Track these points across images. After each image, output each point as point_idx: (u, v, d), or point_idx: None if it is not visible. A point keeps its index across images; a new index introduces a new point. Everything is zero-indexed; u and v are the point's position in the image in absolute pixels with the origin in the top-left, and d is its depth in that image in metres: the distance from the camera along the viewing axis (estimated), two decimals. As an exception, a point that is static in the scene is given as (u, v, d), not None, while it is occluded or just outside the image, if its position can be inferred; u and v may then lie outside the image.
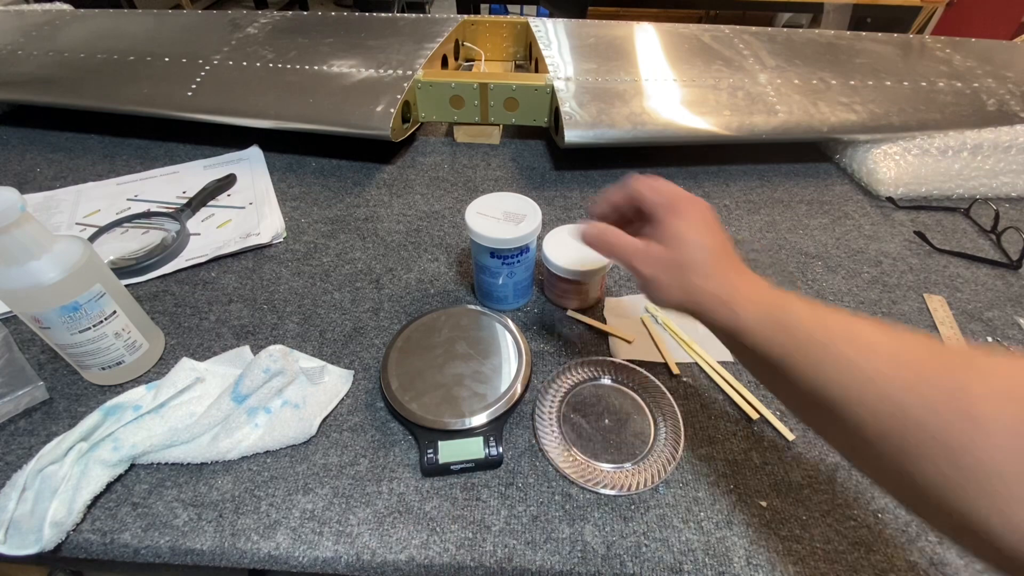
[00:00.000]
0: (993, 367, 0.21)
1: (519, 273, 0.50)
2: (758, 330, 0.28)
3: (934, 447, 0.21)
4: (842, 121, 0.72)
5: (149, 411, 0.41)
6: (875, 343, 0.24)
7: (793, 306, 0.28)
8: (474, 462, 0.41)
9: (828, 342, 0.25)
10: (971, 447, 0.20)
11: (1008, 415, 0.20)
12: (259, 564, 0.37)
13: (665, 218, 0.32)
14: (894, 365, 0.23)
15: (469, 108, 0.77)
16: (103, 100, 0.76)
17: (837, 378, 0.24)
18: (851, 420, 0.24)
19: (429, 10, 3.23)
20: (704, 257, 0.31)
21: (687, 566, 0.36)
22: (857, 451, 0.25)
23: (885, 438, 0.22)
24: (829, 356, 0.25)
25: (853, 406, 0.24)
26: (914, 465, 0.21)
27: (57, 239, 0.40)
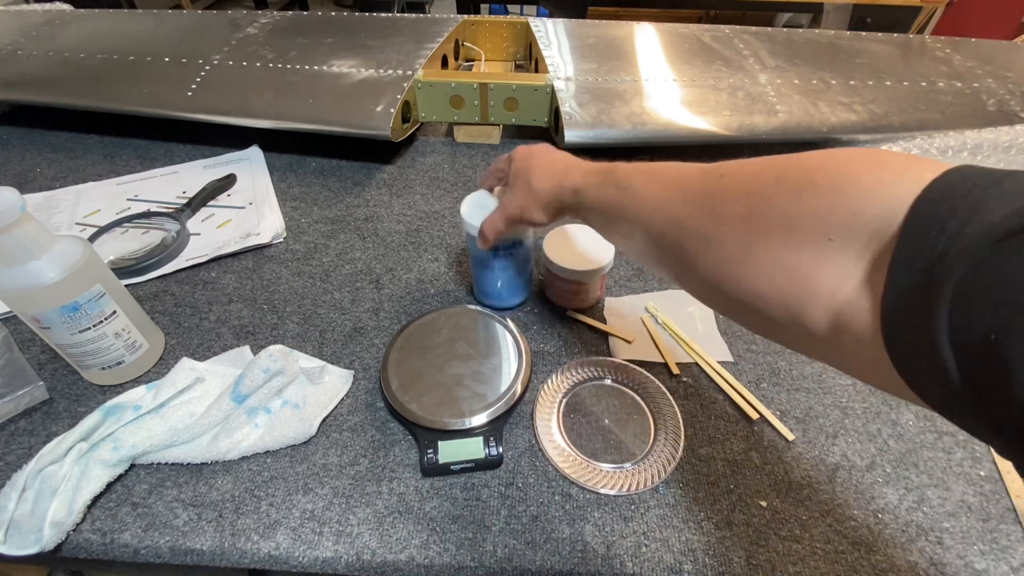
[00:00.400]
0: (732, 170, 0.27)
1: (512, 268, 0.50)
2: (591, 188, 0.36)
3: (700, 243, 0.27)
4: (842, 121, 0.72)
5: (149, 411, 0.41)
6: (662, 178, 0.31)
7: (613, 166, 0.35)
8: (474, 462, 0.41)
9: (629, 183, 0.32)
10: (717, 237, 0.26)
11: (737, 209, 0.25)
12: (259, 564, 0.37)
13: (510, 172, 0.44)
14: (672, 191, 0.30)
15: (469, 108, 0.77)
16: (103, 100, 0.76)
17: (640, 209, 0.31)
18: (652, 238, 0.31)
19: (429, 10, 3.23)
20: (540, 163, 0.41)
21: (687, 566, 0.36)
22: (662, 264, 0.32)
23: (674, 245, 0.29)
24: (630, 195, 0.32)
25: (651, 227, 0.31)
26: (690, 260, 0.28)
27: (57, 239, 0.40)
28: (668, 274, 0.33)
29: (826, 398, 0.47)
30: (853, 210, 0.21)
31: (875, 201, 0.20)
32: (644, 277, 0.58)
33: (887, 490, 0.41)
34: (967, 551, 0.38)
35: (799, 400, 0.47)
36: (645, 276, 0.58)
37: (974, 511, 0.40)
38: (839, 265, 0.21)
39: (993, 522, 0.39)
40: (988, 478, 0.41)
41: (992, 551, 0.38)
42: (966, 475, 0.42)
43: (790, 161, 0.25)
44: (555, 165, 0.40)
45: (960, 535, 0.38)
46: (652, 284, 0.57)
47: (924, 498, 0.40)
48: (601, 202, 0.35)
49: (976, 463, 0.42)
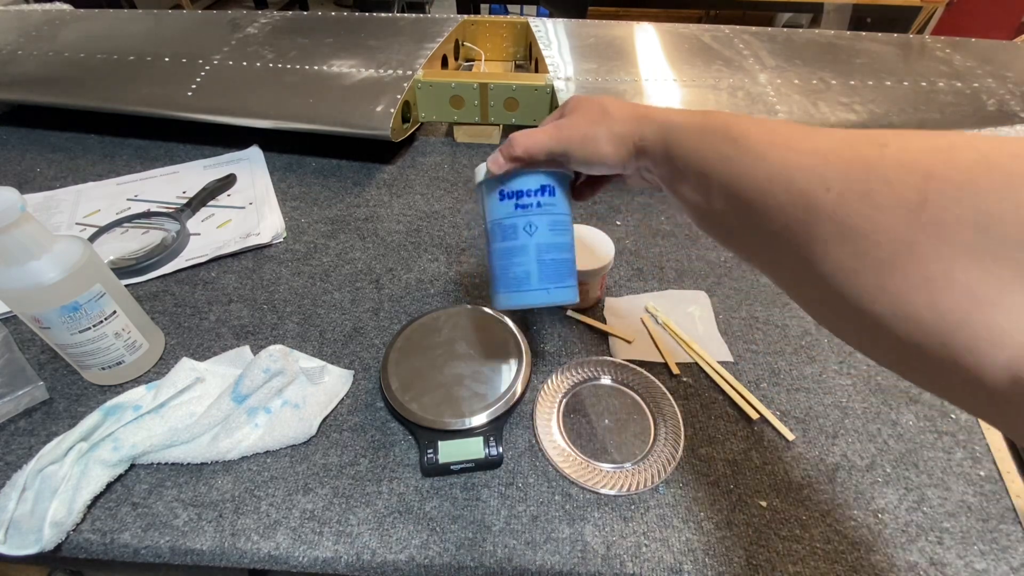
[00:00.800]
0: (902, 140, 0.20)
1: (543, 229, 0.36)
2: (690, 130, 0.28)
3: (835, 231, 0.20)
4: (842, 121, 0.72)
5: (149, 411, 0.41)
6: (793, 135, 0.24)
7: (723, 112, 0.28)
8: (474, 462, 0.41)
9: (743, 135, 0.25)
10: (864, 226, 0.19)
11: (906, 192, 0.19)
12: (259, 564, 0.37)
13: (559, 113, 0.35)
14: (808, 154, 0.22)
15: (469, 108, 0.77)
16: (103, 100, 0.76)
17: (754, 169, 0.24)
18: (763, 212, 0.24)
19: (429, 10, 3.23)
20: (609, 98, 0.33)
21: (687, 566, 0.36)
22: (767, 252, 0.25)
23: (795, 227, 0.22)
24: (745, 150, 0.25)
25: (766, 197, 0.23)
26: (814, 252, 0.21)
27: (57, 239, 0.40)
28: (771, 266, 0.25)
29: (826, 398, 0.47)
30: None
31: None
32: (644, 277, 0.58)
33: (887, 490, 0.41)
34: (967, 551, 0.38)
35: (799, 400, 0.47)
36: (645, 276, 0.58)
37: (974, 511, 0.40)
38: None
39: (993, 522, 0.39)
40: (988, 478, 0.41)
41: (992, 551, 0.38)
42: (966, 475, 0.42)
43: (996, 142, 0.18)
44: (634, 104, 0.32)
45: (960, 535, 0.38)
46: (652, 284, 0.57)
47: (924, 498, 0.40)
48: (699, 150, 0.27)
49: (976, 463, 0.42)
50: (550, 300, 0.37)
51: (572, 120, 0.33)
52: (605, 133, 0.31)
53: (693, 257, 0.61)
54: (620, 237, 0.63)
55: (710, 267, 0.59)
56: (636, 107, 0.32)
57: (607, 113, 0.32)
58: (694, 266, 0.59)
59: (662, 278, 0.58)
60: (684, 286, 0.57)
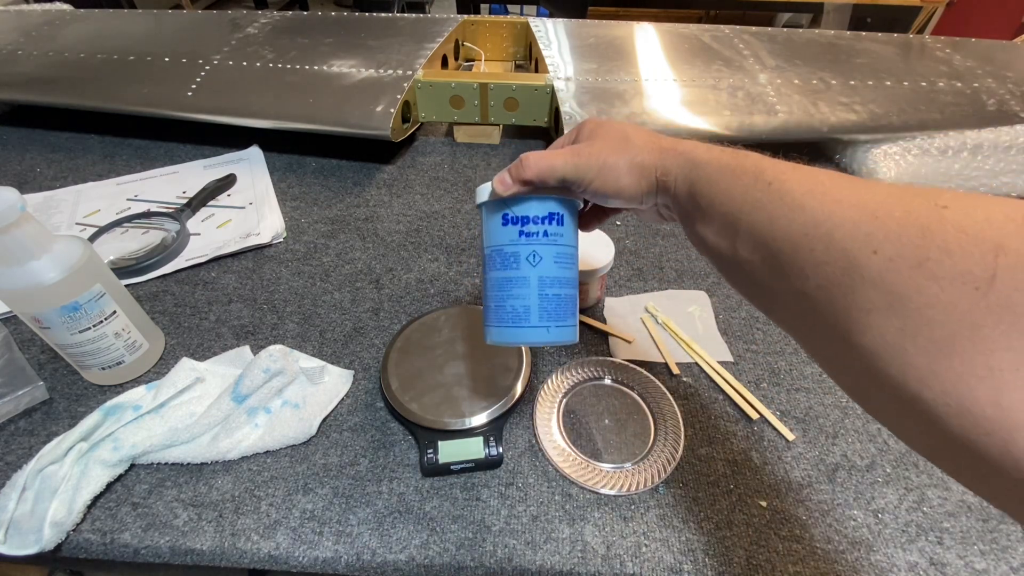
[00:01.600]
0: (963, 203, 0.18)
1: (547, 261, 0.33)
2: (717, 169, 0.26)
3: (883, 301, 0.18)
4: (842, 121, 0.72)
5: (149, 411, 0.41)
6: (836, 185, 0.21)
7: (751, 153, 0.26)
8: (474, 462, 0.41)
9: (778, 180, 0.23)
10: (919, 300, 0.17)
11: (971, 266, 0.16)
12: (259, 564, 0.37)
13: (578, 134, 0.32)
14: (853, 208, 0.20)
15: (469, 108, 0.77)
16: (103, 100, 0.76)
17: (790, 221, 0.21)
18: (797, 269, 0.21)
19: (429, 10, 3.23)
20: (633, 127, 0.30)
21: (687, 566, 0.36)
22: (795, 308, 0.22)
23: (834, 292, 0.20)
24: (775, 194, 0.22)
25: (801, 252, 0.21)
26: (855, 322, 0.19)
27: (57, 239, 0.40)
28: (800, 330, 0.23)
29: (826, 398, 0.47)
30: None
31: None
32: (644, 277, 0.58)
33: (887, 490, 0.41)
34: (967, 551, 0.38)
35: (799, 400, 0.47)
36: (645, 276, 0.58)
37: (974, 511, 0.40)
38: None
39: (993, 522, 0.39)
40: (988, 478, 0.41)
41: (992, 551, 0.38)
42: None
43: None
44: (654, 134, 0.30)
45: (960, 535, 0.38)
46: (652, 284, 0.57)
47: (924, 498, 0.40)
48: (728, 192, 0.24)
49: (976, 463, 0.42)
50: (549, 340, 0.33)
51: (591, 146, 0.30)
52: (626, 163, 0.29)
53: (693, 257, 0.61)
54: (620, 237, 0.63)
55: (710, 267, 0.59)
56: (659, 138, 0.30)
57: (628, 140, 0.29)
58: (694, 266, 0.59)
59: (662, 278, 0.58)
60: (684, 286, 0.57)
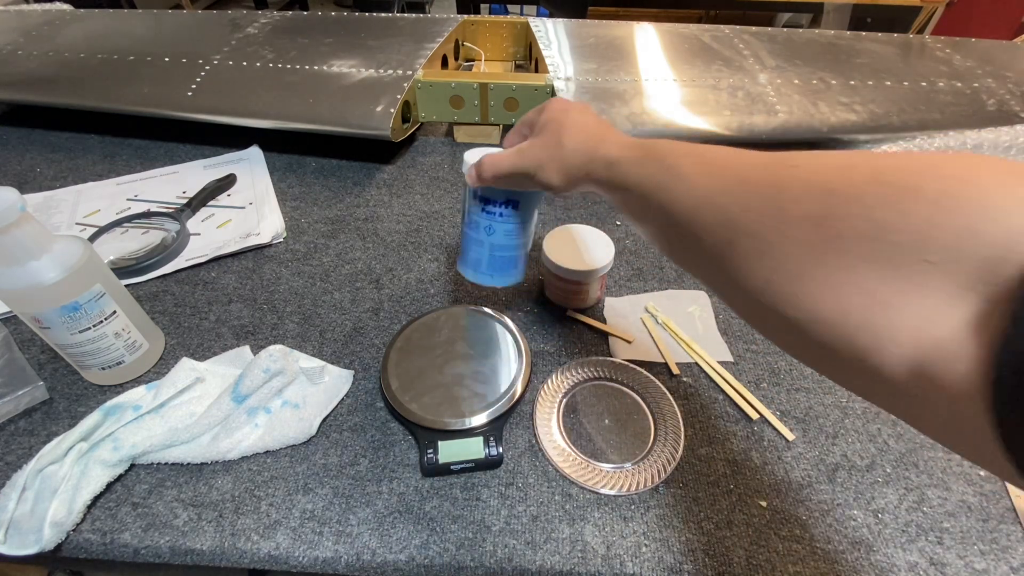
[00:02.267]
0: (809, 161, 0.22)
1: (499, 234, 0.44)
2: (629, 164, 0.31)
3: (754, 245, 0.22)
4: (842, 121, 0.72)
5: (149, 411, 0.41)
6: (717, 161, 0.26)
7: (656, 143, 0.30)
8: (474, 462, 0.41)
9: (676, 164, 0.27)
10: (777, 240, 0.21)
11: (809, 208, 0.20)
12: (259, 564, 0.37)
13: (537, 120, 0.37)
14: (728, 178, 0.24)
15: (469, 108, 0.77)
16: (103, 100, 0.76)
17: (685, 195, 0.26)
18: (695, 232, 0.26)
19: (429, 10, 3.23)
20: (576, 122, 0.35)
21: (687, 566, 0.36)
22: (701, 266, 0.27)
23: (721, 244, 0.24)
24: (676, 178, 0.27)
25: (696, 218, 0.25)
26: (738, 265, 0.23)
27: (57, 239, 0.40)
28: (706, 278, 0.28)
29: (826, 398, 0.47)
30: (968, 227, 0.16)
31: (1000, 222, 0.16)
32: (644, 277, 0.58)
33: (887, 490, 0.41)
34: (967, 551, 0.38)
35: (799, 400, 0.47)
36: (645, 276, 0.58)
37: (974, 511, 0.40)
38: (933, 295, 0.17)
39: (993, 522, 0.39)
40: (988, 478, 0.41)
41: (992, 551, 0.38)
42: (966, 475, 0.42)
43: (890, 159, 0.20)
44: (591, 128, 0.35)
45: (960, 535, 0.38)
46: (652, 284, 0.57)
47: (924, 498, 0.40)
48: (638, 181, 0.30)
49: (976, 463, 0.42)
50: (494, 284, 0.46)
51: (531, 146, 0.36)
52: (556, 166, 0.35)
53: (693, 257, 0.60)
54: (620, 237, 0.63)
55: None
56: (588, 138, 0.34)
57: (561, 144, 0.34)
58: (694, 266, 0.59)
59: (662, 278, 0.58)
60: (684, 286, 0.57)
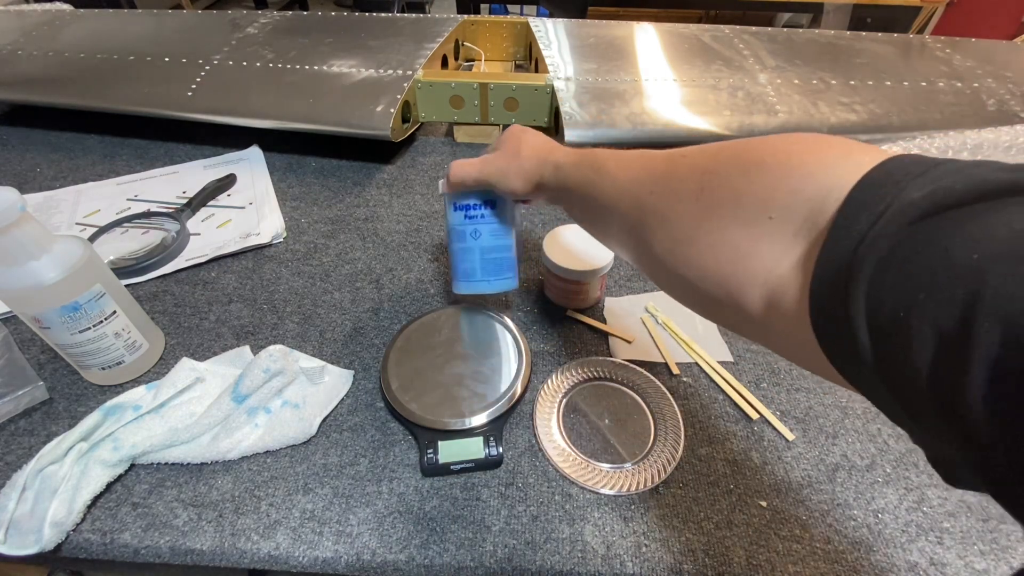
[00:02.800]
0: (695, 150, 0.28)
1: (487, 236, 0.45)
2: (570, 168, 0.36)
3: (656, 220, 0.28)
4: (842, 121, 0.72)
5: (149, 411, 0.41)
6: (633, 159, 0.32)
7: (595, 150, 0.35)
8: (474, 462, 0.41)
9: (603, 164, 0.33)
10: (671, 213, 0.27)
11: (691, 185, 0.26)
12: (259, 564, 0.37)
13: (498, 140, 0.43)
14: (639, 171, 0.30)
15: (469, 108, 0.77)
16: (103, 100, 0.76)
17: (610, 189, 0.32)
18: (618, 219, 0.31)
19: (429, 10, 3.23)
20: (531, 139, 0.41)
21: (687, 566, 0.36)
22: (625, 245, 0.33)
23: (636, 224, 0.30)
24: (602, 175, 0.33)
25: (618, 207, 0.31)
26: (647, 238, 0.28)
27: (57, 239, 0.40)
28: (630, 256, 0.33)
29: (826, 398, 0.47)
30: (793, 189, 0.21)
31: (814, 181, 0.21)
32: (644, 277, 0.58)
33: (887, 490, 0.41)
34: (967, 551, 0.38)
35: (799, 400, 0.47)
36: (645, 276, 0.58)
37: (974, 511, 0.40)
38: (776, 243, 0.22)
39: (993, 522, 0.39)
40: (988, 478, 0.41)
41: (992, 551, 0.38)
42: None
43: (747, 142, 0.25)
44: (542, 143, 0.41)
45: (960, 535, 0.38)
46: (652, 284, 0.57)
47: (924, 498, 0.40)
48: (577, 182, 0.35)
49: (976, 463, 0.42)
50: (492, 289, 0.46)
51: (494, 156, 0.41)
52: (516, 171, 0.39)
53: (693, 257, 0.60)
54: (620, 237, 0.63)
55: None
56: (540, 149, 0.39)
57: (519, 155, 0.40)
58: (694, 266, 0.59)
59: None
60: (684, 286, 0.57)
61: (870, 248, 0.17)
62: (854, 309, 0.17)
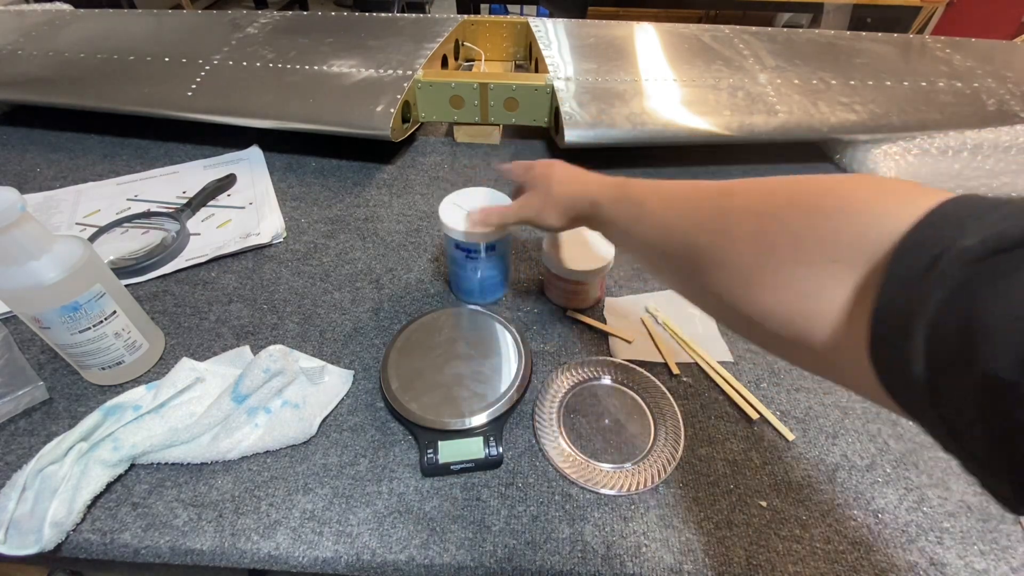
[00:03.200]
0: (743, 189, 0.28)
1: (485, 269, 0.50)
2: (608, 202, 0.37)
3: (712, 262, 0.28)
4: (842, 121, 0.72)
5: (149, 411, 0.41)
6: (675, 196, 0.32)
7: (629, 182, 0.37)
8: (474, 462, 0.41)
9: (644, 200, 0.34)
10: (728, 256, 0.27)
11: (747, 228, 0.26)
12: (259, 564, 0.37)
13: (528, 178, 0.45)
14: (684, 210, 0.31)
15: (469, 108, 0.77)
16: (103, 100, 0.76)
17: (654, 227, 0.33)
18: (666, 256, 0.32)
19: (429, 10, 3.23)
20: (560, 174, 0.43)
21: (687, 566, 0.36)
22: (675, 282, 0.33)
23: (687, 264, 0.30)
24: (645, 212, 0.34)
25: (665, 245, 0.32)
26: (703, 278, 0.29)
27: (57, 239, 0.40)
28: (681, 291, 0.33)
29: (826, 398, 0.47)
30: (858, 233, 0.22)
31: (878, 226, 0.21)
32: (644, 277, 0.58)
33: (887, 490, 0.41)
34: (967, 551, 0.38)
35: (799, 400, 0.47)
36: (645, 276, 0.58)
37: (974, 511, 0.40)
38: (842, 285, 0.22)
39: (993, 522, 0.39)
40: (988, 478, 0.41)
41: (992, 551, 0.38)
42: (966, 475, 0.42)
43: (800, 184, 0.26)
44: (575, 175, 0.42)
45: (960, 535, 0.38)
46: (652, 284, 0.57)
47: (924, 498, 0.40)
48: (617, 216, 0.36)
49: (976, 463, 0.42)
50: (484, 301, 0.54)
51: (529, 197, 0.44)
52: (552, 211, 0.42)
53: (693, 257, 0.60)
54: (620, 237, 0.63)
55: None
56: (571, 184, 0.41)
57: (551, 194, 0.42)
58: (694, 266, 0.59)
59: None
60: (684, 286, 0.57)
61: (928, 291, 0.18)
62: (912, 349, 0.18)
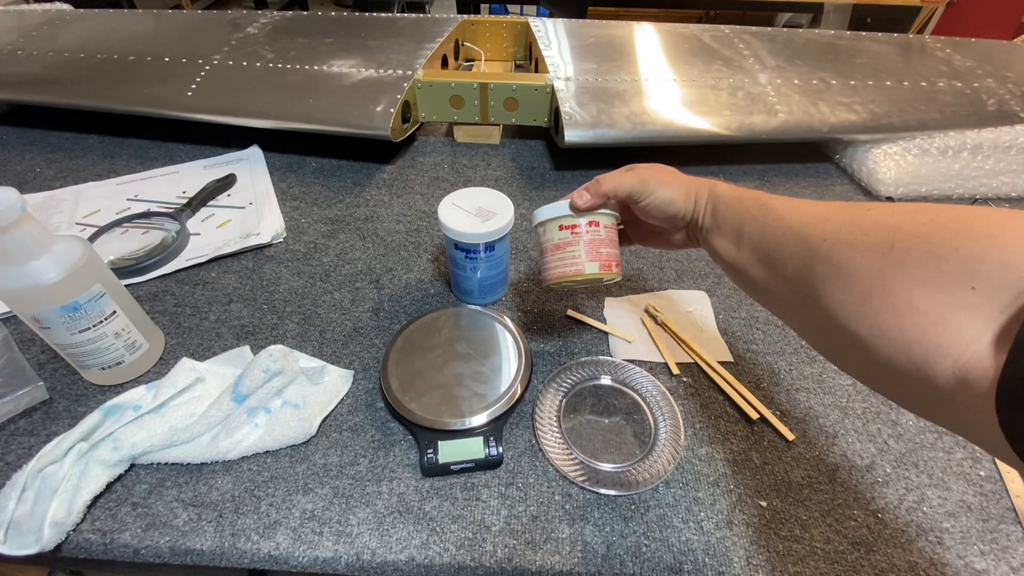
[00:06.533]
0: (882, 206, 0.27)
1: (484, 270, 0.50)
2: (730, 194, 0.36)
3: (830, 269, 0.26)
4: (842, 121, 0.72)
5: (149, 411, 0.41)
6: (798, 204, 0.32)
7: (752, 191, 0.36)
8: (474, 462, 0.41)
9: (768, 202, 0.33)
10: (850, 265, 0.25)
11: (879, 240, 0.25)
12: (259, 564, 0.37)
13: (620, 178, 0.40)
14: (813, 215, 0.30)
15: (469, 108, 0.77)
16: (103, 100, 0.76)
17: (775, 225, 0.32)
18: (779, 259, 0.31)
19: (429, 10, 3.23)
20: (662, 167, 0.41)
21: (687, 566, 0.36)
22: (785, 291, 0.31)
23: (802, 269, 0.29)
24: (766, 210, 0.33)
25: (782, 246, 0.30)
26: (815, 287, 0.27)
27: (57, 239, 0.40)
28: (782, 303, 0.32)
29: (826, 398, 0.47)
30: (1005, 263, 0.20)
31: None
32: (644, 277, 0.58)
33: (887, 490, 0.41)
34: (967, 551, 0.38)
35: (799, 400, 0.47)
36: (645, 276, 0.58)
37: (974, 511, 0.40)
38: (978, 317, 0.20)
39: (993, 522, 0.39)
40: (988, 478, 0.41)
41: (992, 551, 0.38)
42: (966, 475, 0.42)
43: (948, 208, 0.24)
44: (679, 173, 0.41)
45: (960, 535, 0.38)
46: (652, 284, 0.57)
47: (924, 498, 0.40)
48: (736, 211, 0.35)
49: (976, 463, 0.42)
50: (482, 302, 0.54)
51: (645, 169, 0.40)
52: (675, 182, 0.39)
53: (693, 257, 0.61)
54: (620, 237, 0.63)
55: (710, 267, 0.59)
56: (688, 176, 0.40)
57: (674, 173, 0.40)
58: (694, 266, 0.59)
59: (662, 278, 0.58)
60: (684, 286, 0.57)
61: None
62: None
